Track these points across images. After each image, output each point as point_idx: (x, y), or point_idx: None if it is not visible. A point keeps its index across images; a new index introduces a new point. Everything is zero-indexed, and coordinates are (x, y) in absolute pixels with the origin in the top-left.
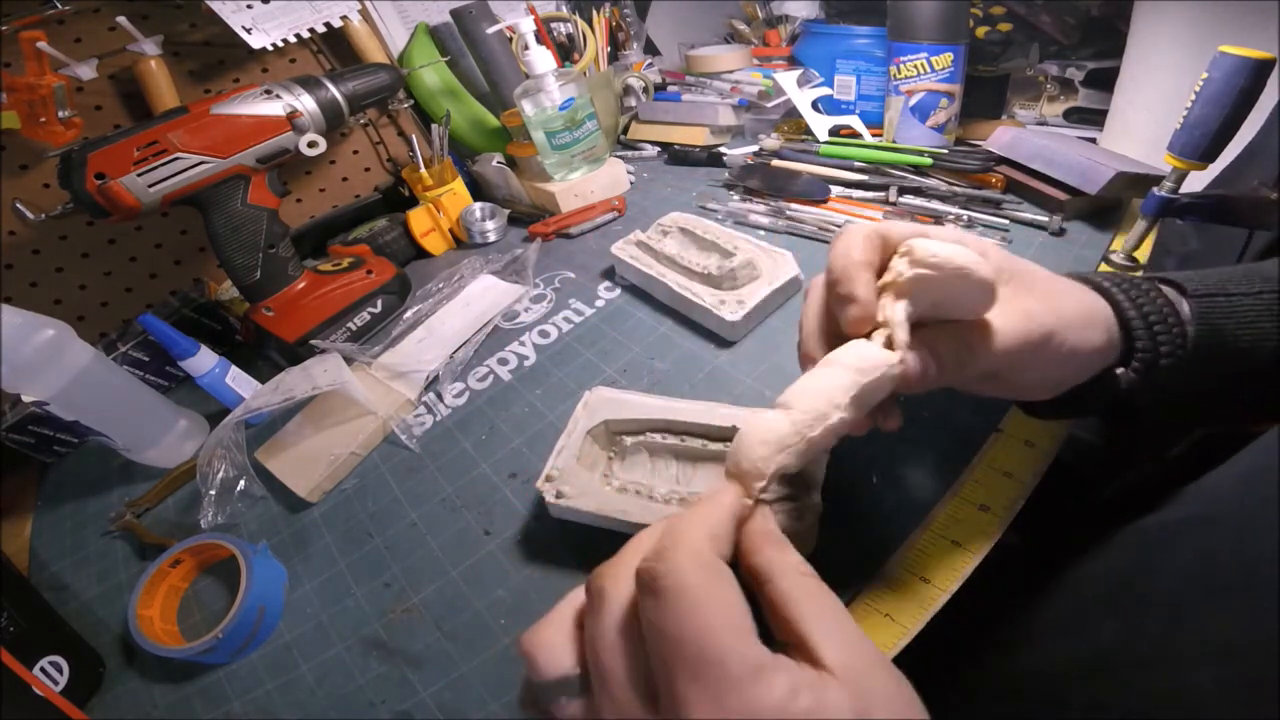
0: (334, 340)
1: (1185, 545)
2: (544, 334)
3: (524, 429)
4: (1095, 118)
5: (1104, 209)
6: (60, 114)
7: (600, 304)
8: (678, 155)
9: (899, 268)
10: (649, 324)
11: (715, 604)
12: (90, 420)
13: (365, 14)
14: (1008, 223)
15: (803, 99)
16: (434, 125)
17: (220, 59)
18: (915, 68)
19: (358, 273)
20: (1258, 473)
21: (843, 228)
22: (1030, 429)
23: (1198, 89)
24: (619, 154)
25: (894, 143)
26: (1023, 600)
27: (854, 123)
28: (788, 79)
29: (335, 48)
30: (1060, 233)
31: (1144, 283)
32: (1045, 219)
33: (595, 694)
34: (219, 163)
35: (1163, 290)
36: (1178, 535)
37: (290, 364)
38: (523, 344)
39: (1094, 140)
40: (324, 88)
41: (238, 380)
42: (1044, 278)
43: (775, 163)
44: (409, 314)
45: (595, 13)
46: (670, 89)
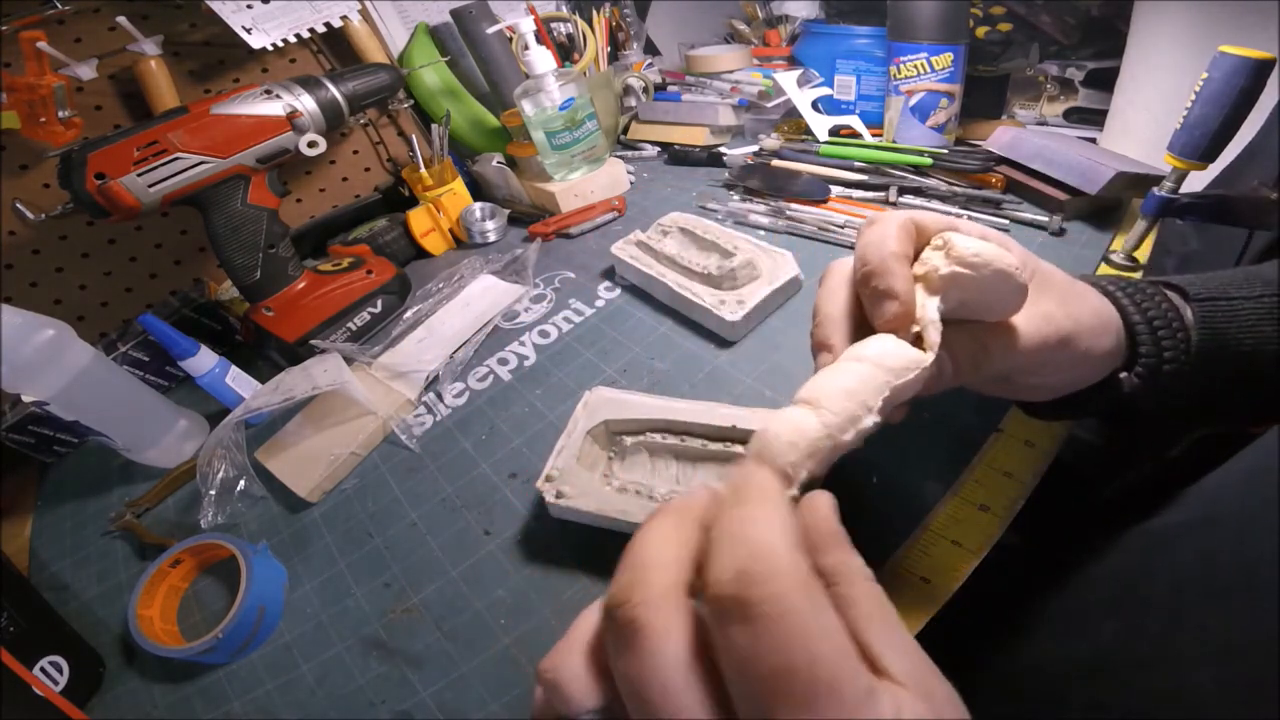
0: (334, 340)
1: (1186, 546)
2: (544, 334)
3: (524, 429)
4: (1095, 118)
5: (1104, 209)
6: (60, 114)
7: (600, 304)
8: (678, 155)
9: (935, 261)
10: (649, 324)
11: (824, 627)
12: (90, 420)
13: (365, 14)
14: (1008, 223)
15: (803, 99)
16: (434, 125)
17: (220, 59)
18: (915, 68)
19: (358, 273)
20: (1258, 474)
21: (873, 217)
22: (1030, 429)
23: (1198, 89)
24: (619, 154)
25: (894, 143)
26: (1023, 600)
27: (854, 123)
28: (788, 79)
29: (335, 48)
30: (1060, 233)
31: (1148, 287)
32: (1045, 219)
33: None
34: (219, 163)
35: (1167, 295)
36: (1178, 536)
37: (290, 364)
38: (523, 344)
39: (1094, 140)
40: (324, 88)
41: (238, 380)
42: (1061, 279)
43: (775, 163)
44: (409, 314)
45: (595, 13)
46: (670, 89)
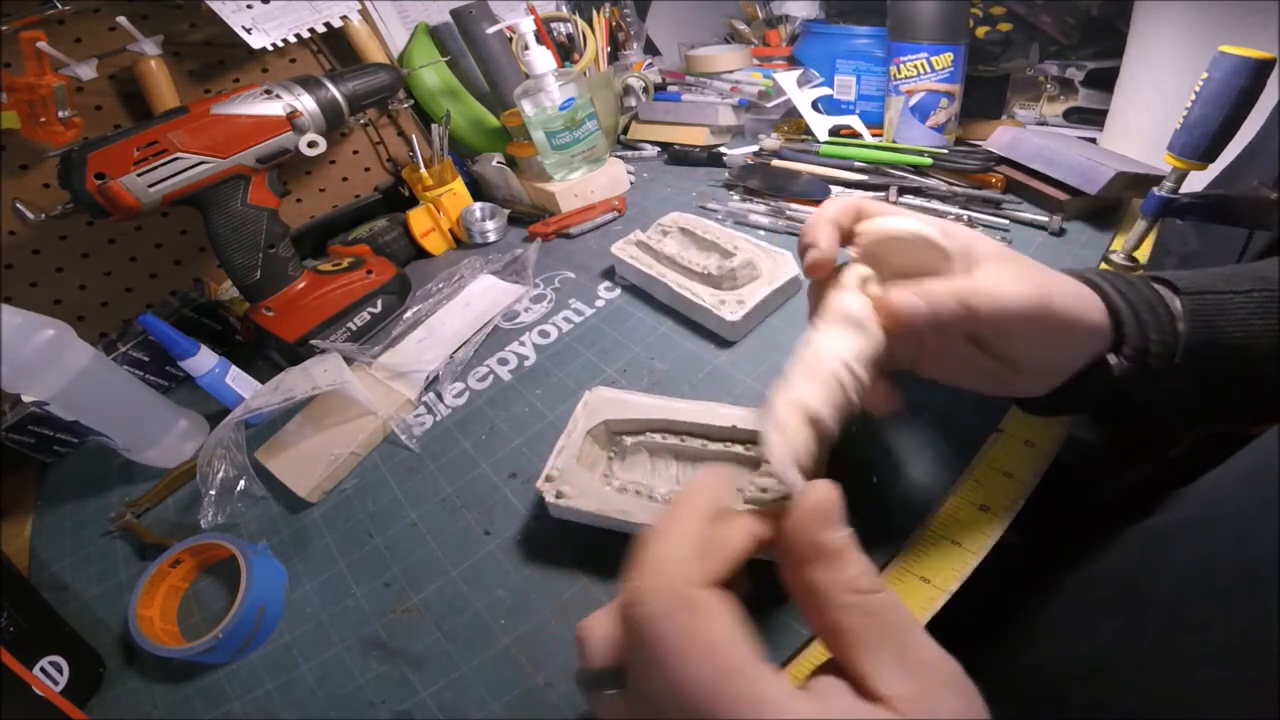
0: (334, 340)
1: (1185, 546)
2: (544, 334)
3: (524, 429)
4: (1095, 118)
5: (1104, 209)
6: (60, 114)
7: (600, 304)
8: (678, 155)
9: (863, 230)
10: (649, 324)
11: (697, 648)
12: (90, 420)
13: (365, 14)
14: (1008, 223)
15: (803, 99)
16: (434, 125)
17: (220, 59)
18: (915, 68)
19: (358, 273)
20: (1258, 473)
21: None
22: (1030, 429)
23: (1198, 89)
24: (619, 154)
25: (894, 143)
26: (1023, 600)
27: (854, 123)
28: (788, 79)
29: (335, 48)
30: (1060, 233)
31: (1133, 278)
32: (1045, 219)
33: (631, 694)
34: (219, 163)
35: (1153, 287)
36: (1178, 536)
37: (290, 364)
38: (523, 344)
39: (1094, 140)
40: (324, 88)
41: (238, 380)
42: (1029, 259)
43: (775, 163)
44: (409, 314)
45: (595, 13)
46: (670, 89)
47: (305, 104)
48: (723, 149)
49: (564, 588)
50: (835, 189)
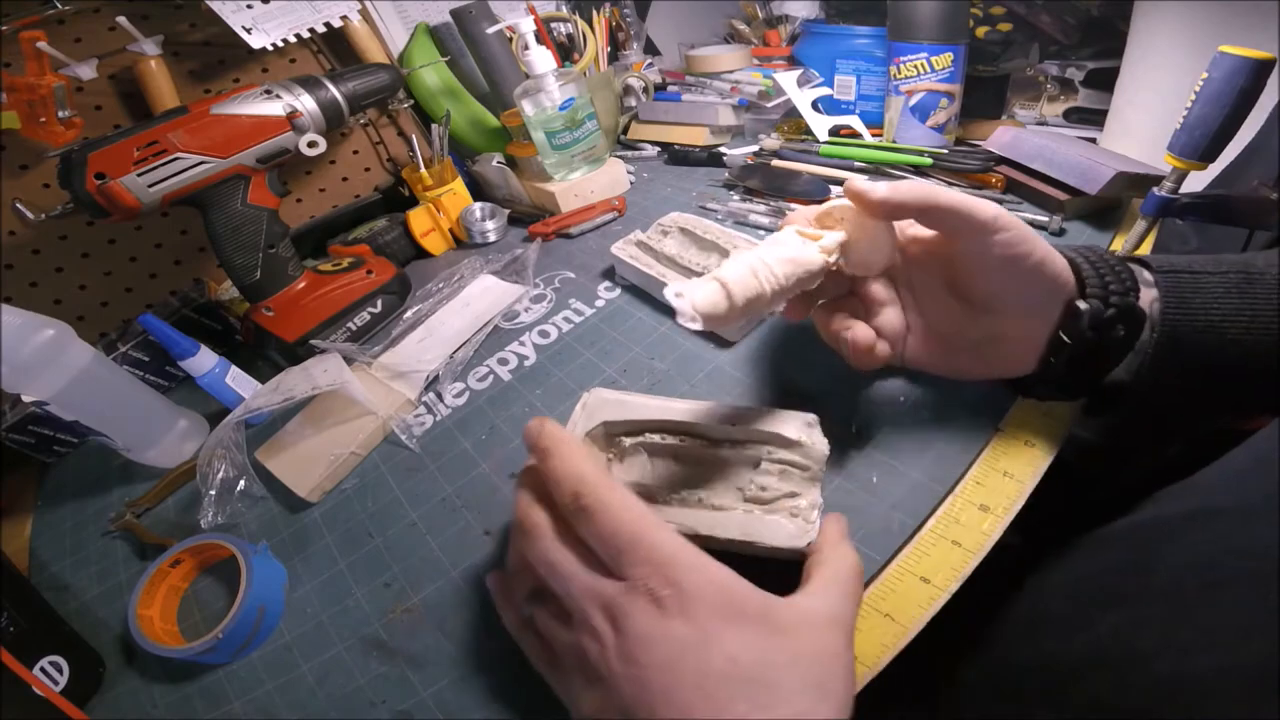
0: (334, 340)
1: (1186, 538)
2: (544, 334)
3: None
4: (1095, 118)
5: (1104, 209)
6: (60, 114)
7: (600, 304)
8: (678, 155)
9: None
10: (649, 324)
11: (623, 503)
12: (90, 420)
13: (365, 14)
14: None
15: (803, 99)
16: (434, 125)
17: (220, 59)
18: (915, 68)
19: (358, 273)
20: (1258, 465)
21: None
22: (1030, 429)
23: (1198, 89)
24: (619, 154)
25: (894, 143)
26: (1023, 597)
27: (854, 123)
28: (788, 79)
29: (335, 48)
30: (1060, 233)
31: (1098, 247)
32: (1045, 219)
33: (558, 590)
34: (219, 163)
35: (1121, 260)
36: (1179, 528)
37: (290, 364)
38: (523, 344)
39: (1094, 140)
40: (324, 88)
41: (238, 380)
42: None
43: (775, 163)
44: (409, 314)
45: (595, 13)
46: (670, 89)
47: (305, 104)
48: (723, 149)
49: None
50: (835, 189)
